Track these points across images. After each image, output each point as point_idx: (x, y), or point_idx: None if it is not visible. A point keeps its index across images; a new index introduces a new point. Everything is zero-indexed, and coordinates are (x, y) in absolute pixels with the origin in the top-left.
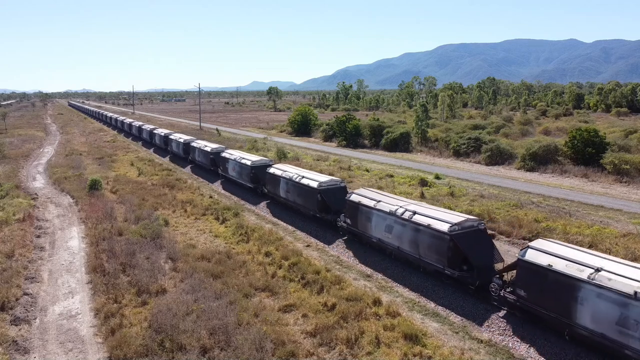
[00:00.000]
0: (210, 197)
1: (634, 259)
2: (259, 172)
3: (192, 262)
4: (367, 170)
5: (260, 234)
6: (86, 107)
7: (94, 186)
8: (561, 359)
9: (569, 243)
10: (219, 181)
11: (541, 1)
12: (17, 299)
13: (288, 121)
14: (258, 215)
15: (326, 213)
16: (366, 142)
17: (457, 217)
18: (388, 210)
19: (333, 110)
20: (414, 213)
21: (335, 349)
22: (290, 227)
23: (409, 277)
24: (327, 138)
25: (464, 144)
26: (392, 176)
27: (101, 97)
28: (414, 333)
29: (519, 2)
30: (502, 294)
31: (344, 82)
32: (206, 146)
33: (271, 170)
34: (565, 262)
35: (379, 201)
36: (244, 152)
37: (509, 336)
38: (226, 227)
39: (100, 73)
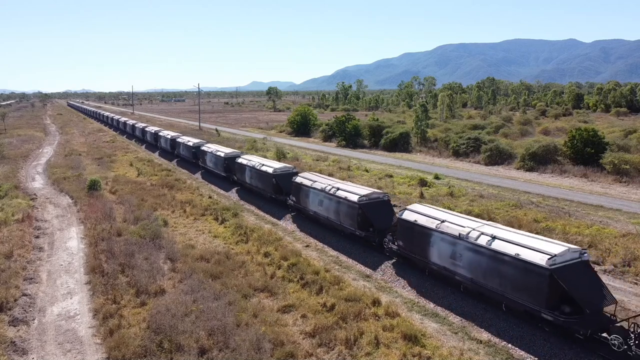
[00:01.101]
0: (210, 197)
1: (634, 259)
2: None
3: (191, 263)
4: (367, 171)
5: (260, 234)
6: (85, 107)
7: (93, 186)
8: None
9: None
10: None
11: (540, 1)
12: (15, 300)
13: (287, 121)
14: (257, 216)
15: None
16: (365, 142)
17: (366, 190)
18: (320, 188)
19: (332, 110)
20: (338, 189)
21: (334, 349)
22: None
23: (408, 277)
24: (327, 138)
25: (464, 144)
26: (391, 176)
27: (101, 97)
28: (413, 333)
29: (518, 2)
30: (390, 246)
31: (343, 82)
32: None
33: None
34: (426, 218)
35: (315, 181)
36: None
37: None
38: (225, 227)
39: (100, 73)
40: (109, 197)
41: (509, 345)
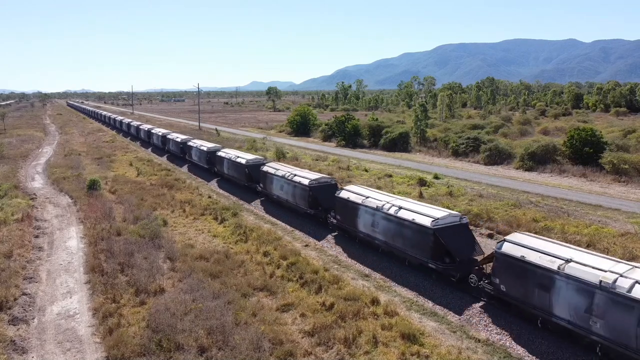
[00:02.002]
0: (209, 197)
1: (632, 258)
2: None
3: (190, 262)
4: (366, 170)
5: (259, 233)
6: (85, 107)
7: (93, 186)
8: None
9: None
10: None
11: (540, 1)
12: (15, 299)
13: (287, 121)
14: (257, 215)
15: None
16: (365, 142)
17: (316, 175)
18: (281, 175)
19: (332, 110)
20: (295, 175)
21: (333, 348)
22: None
23: (407, 276)
24: (326, 138)
25: (463, 143)
26: (390, 176)
27: (100, 97)
28: (411, 332)
29: (518, 2)
30: (331, 221)
31: (343, 82)
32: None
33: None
34: (355, 195)
35: (278, 169)
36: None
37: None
38: (225, 227)
39: (100, 73)
40: (108, 196)
41: (507, 344)
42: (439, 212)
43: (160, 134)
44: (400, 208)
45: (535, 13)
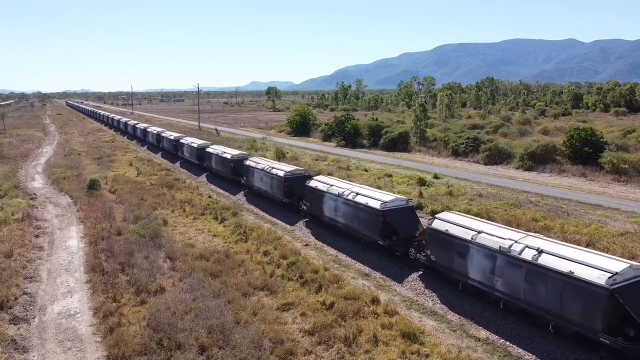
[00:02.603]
0: (209, 196)
1: (631, 257)
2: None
3: (190, 262)
4: (366, 170)
5: (259, 233)
6: (84, 107)
7: (93, 186)
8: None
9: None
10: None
11: (540, 1)
12: (16, 299)
13: (287, 121)
14: (257, 215)
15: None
16: (365, 142)
17: (291, 168)
18: (260, 168)
19: (332, 110)
20: (272, 167)
21: (333, 347)
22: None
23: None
24: (326, 138)
25: (463, 143)
26: (390, 176)
27: (100, 97)
28: (411, 331)
29: (518, 2)
30: (302, 208)
31: (343, 82)
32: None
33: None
34: (322, 184)
35: (258, 163)
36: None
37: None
38: (225, 226)
39: (99, 73)
40: (108, 196)
41: (507, 343)
42: (388, 197)
43: (155, 132)
44: (357, 194)
45: (535, 13)
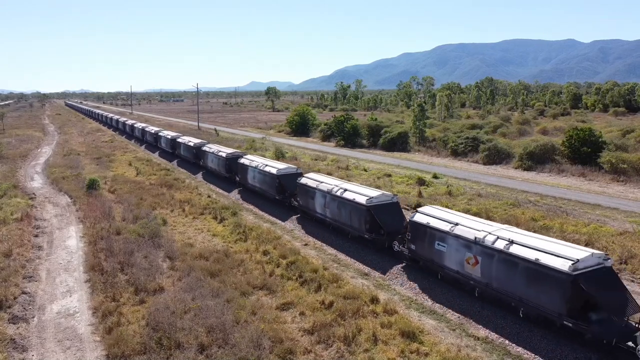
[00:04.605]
0: (208, 196)
1: (630, 257)
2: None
3: (190, 261)
4: (365, 170)
5: (258, 232)
6: (83, 107)
7: (92, 186)
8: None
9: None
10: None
11: (539, 1)
12: (15, 298)
13: (286, 121)
14: (256, 215)
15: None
16: (364, 141)
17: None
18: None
19: (331, 110)
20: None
21: (332, 346)
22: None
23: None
24: (326, 138)
25: (462, 143)
26: (390, 175)
27: (99, 97)
28: (411, 330)
29: (517, 2)
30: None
31: (342, 82)
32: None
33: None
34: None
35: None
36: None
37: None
38: (224, 226)
39: (98, 73)
40: (107, 196)
41: (506, 341)
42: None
43: (152, 131)
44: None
45: (534, 13)
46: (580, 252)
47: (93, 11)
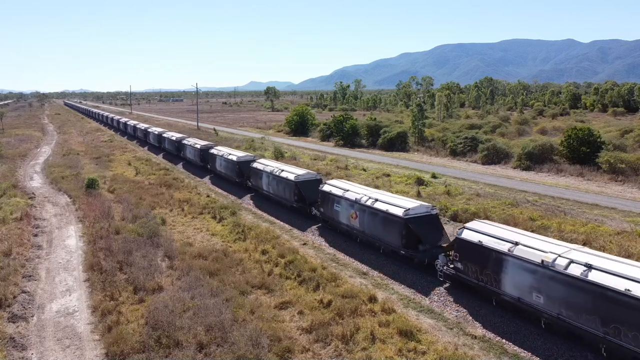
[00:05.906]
0: (208, 196)
1: (628, 256)
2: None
3: (188, 260)
4: (364, 170)
5: (257, 232)
6: (83, 107)
7: (91, 185)
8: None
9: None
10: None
11: (539, 1)
12: (14, 297)
13: (286, 121)
14: (255, 214)
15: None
16: (363, 141)
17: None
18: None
19: (330, 110)
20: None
21: (330, 344)
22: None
23: (404, 274)
24: (325, 138)
25: (461, 143)
26: (389, 175)
27: (98, 97)
28: (408, 329)
29: (516, 2)
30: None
31: (341, 82)
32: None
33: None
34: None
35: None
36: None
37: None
38: (223, 225)
39: (98, 73)
40: (107, 195)
41: (503, 340)
42: (411, 203)
43: (156, 132)
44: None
45: (534, 13)
46: (411, 204)
47: (93, 11)
